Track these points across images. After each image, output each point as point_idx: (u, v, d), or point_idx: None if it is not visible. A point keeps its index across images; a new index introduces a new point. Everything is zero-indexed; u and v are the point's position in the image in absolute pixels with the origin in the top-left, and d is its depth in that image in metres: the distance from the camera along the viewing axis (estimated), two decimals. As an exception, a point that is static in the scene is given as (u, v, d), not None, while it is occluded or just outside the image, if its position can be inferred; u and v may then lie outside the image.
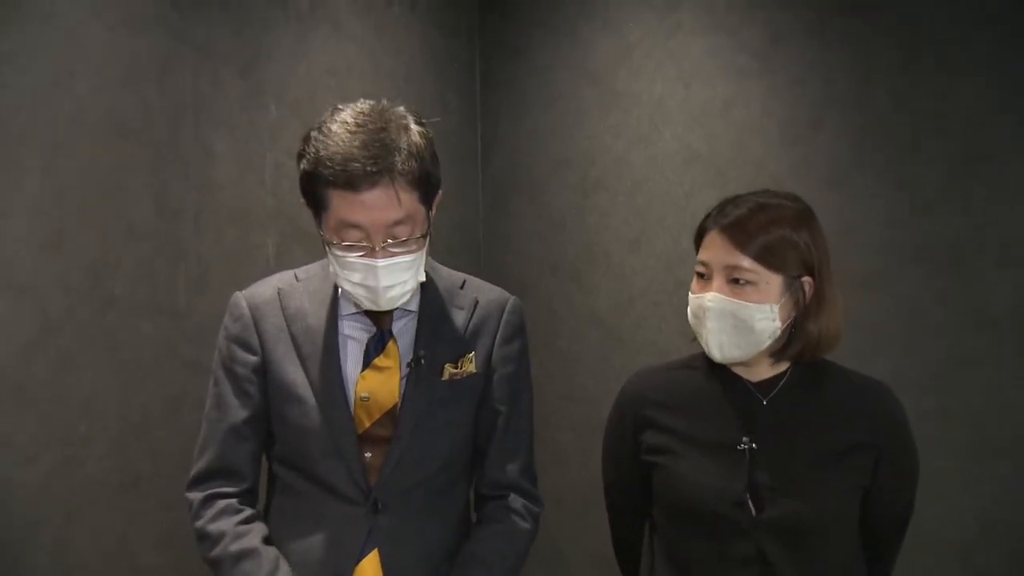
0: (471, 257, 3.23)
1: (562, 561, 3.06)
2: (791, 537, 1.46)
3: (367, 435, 1.52)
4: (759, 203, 1.50)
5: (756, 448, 1.48)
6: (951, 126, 2.41)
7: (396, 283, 1.45)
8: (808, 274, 1.49)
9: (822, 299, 1.50)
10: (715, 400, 1.56)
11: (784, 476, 1.47)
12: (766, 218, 1.47)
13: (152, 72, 2.11)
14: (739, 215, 1.48)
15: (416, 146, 1.42)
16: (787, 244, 1.46)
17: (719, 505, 1.48)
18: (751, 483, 1.47)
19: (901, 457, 1.54)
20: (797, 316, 1.50)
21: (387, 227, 1.41)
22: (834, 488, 1.48)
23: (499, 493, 1.62)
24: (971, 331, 2.40)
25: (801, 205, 1.53)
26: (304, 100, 2.49)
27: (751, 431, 1.50)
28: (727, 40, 2.76)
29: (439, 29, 3.08)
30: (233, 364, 1.55)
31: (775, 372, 1.54)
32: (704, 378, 1.59)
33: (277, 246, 2.42)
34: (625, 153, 2.97)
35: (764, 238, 1.45)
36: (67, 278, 1.94)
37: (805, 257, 1.48)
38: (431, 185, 1.46)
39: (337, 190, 1.39)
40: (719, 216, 1.51)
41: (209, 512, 1.50)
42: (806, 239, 1.48)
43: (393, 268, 1.43)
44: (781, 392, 1.53)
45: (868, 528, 1.55)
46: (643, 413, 1.62)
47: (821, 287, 1.50)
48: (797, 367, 1.55)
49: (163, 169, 2.13)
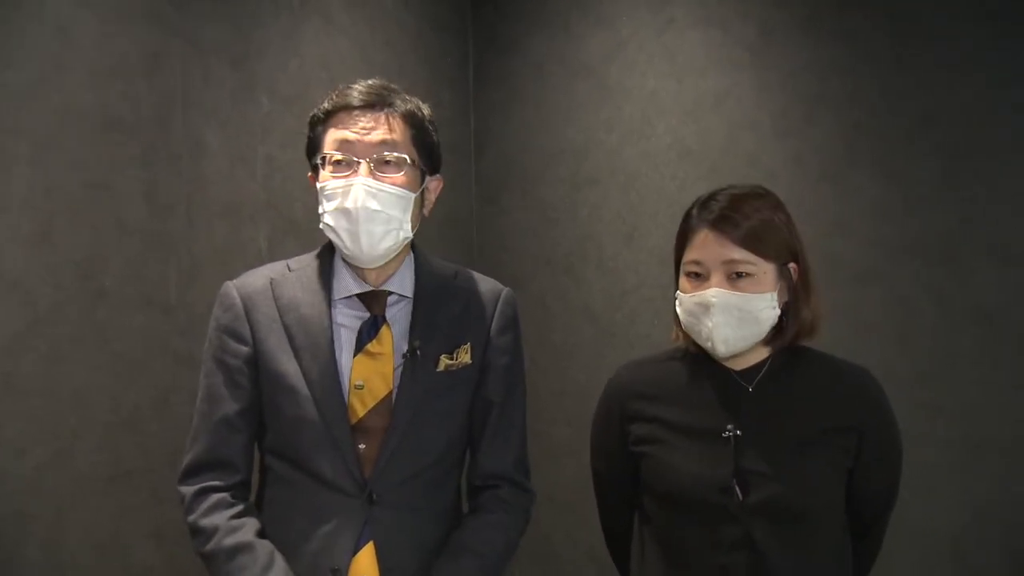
0: (464, 251, 3.23)
1: (554, 555, 3.07)
2: (778, 520, 1.49)
3: (361, 425, 1.51)
4: (736, 195, 1.54)
5: (741, 435, 1.51)
6: (944, 121, 2.42)
7: (376, 211, 1.46)
8: (793, 260, 1.54)
9: (808, 283, 1.56)
10: (700, 389, 1.58)
11: (769, 461, 1.50)
12: (748, 207, 1.51)
13: (142, 66, 2.10)
14: (723, 208, 1.51)
15: (415, 102, 1.56)
16: (770, 228, 1.51)
17: (707, 492, 1.50)
18: (737, 469, 1.50)
19: (883, 437, 1.57)
20: (788, 302, 1.54)
21: (375, 145, 1.48)
22: (818, 471, 1.50)
23: (491, 484, 1.63)
24: (964, 326, 2.40)
25: (771, 194, 1.58)
26: (296, 94, 2.49)
27: (736, 418, 1.53)
28: (720, 34, 2.76)
29: (432, 23, 3.08)
30: (224, 355, 1.54)
31: (757, 360, 1.58)
32: (689, 368, 1.62)
33: (269, 239, 2.42)
34: (618, 147, 2.97)
35: (749, 224, 1.49)
36: (57, 272, 1.93)
37: (788, 241, 1.53)
38: (426, 139, 1.55)
39: (335, 114, 1.50)
40: (704, 212, 1.53)
41: (202, 506, 1.49)
42: (784, 222, 1.54)
43: (374, 193, 1.46)
44: (764, 378, 1.56)
45: (853, 510, 1.59)
46: (630, 405, 1.64)
47: (805, 272, 1.56)
48: (779, 353, 1.58)
49: (154, 163, 2.13)
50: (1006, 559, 2.36)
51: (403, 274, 1.59)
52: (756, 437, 1.51)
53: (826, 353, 1.62)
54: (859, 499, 1.57)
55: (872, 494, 1.59)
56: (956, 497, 2.39)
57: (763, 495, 1.48)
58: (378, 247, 1.49)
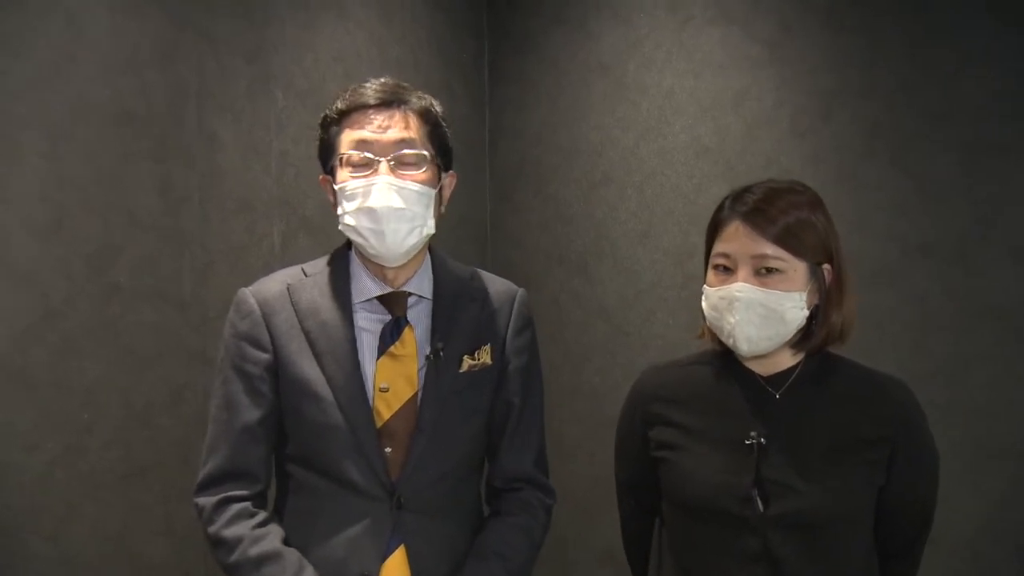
0: (478, 249, 3.21)
1: (567, 556, 3.04)
2: (798, 533, 1.43)
3: (386, 429, 1.49)
4: (773, 188, 1.48)
5: (765, 443, 1.46)
6: (962, 118, 2.39)
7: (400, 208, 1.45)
8: (827, 260, 1.48)
9: (843, 286, 1.49)
10: (726, 395, 1.53)
11: (793, 471, 1.44)
12: (784, 202, 1.45)
13: (156, 58, 2.09)
14: (757, 201, 1.46)
15: (428, 99, 1.54)
16: (807, 226, 1.45)
17: (726, 501, 1.46)
18: (759, 478, 1.45)
19: (916, 455, 1.50)
20: (819, 305, 1.48)
21: (394, 143, 1.47)
22: (844, 484, 1.44)
23: (514, 486, 1.62)
24: (979, 325, 2.38)
25: (810, 190, 1.51)
26: (311, 88, 2.47)
27: (761, 425, 1.48)
28: (738, 31, 2.73)
29: (447, 18, 3.06)
30: (244, 363, 1.51)
31: (787, 365, 1.52)
32: (715, 373, 1.57)
33: (283, 235, 2.40)
34: (634, 145, 2.94)
35: (785, 220, 1.43)
36: (69, 265, 1.92)
37: (824, 241, 1.47)
38: (441, 135, 1.54)
39: (349, 115, 1.48)
40: (737, 204, 1.48)
41: (223, 517, 1.47)
42: (823, 222, 1.47)
43: (398, 191, 1.45)
44: (793, 385, 1.51)
45: (884, 529, 1.52)
46: (652, 409, 1.60)
47: (840, 274, 1.49)
48: (810, 360, 1.52)
49: (167, 157, 2.11)
50: (1020, 559, 2.34)
51: (422, 275, 1.57)
52: (781, 446, 1.46)
53: (861, 364, 1.56)
54: (890, 519, 1.50)
55: (903, 515, 1.52)
56: (971, 497, 2.36)
57: (785, 507, 1.43)
58: (403, 244, 1.47)
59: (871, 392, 1.51)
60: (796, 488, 1.43)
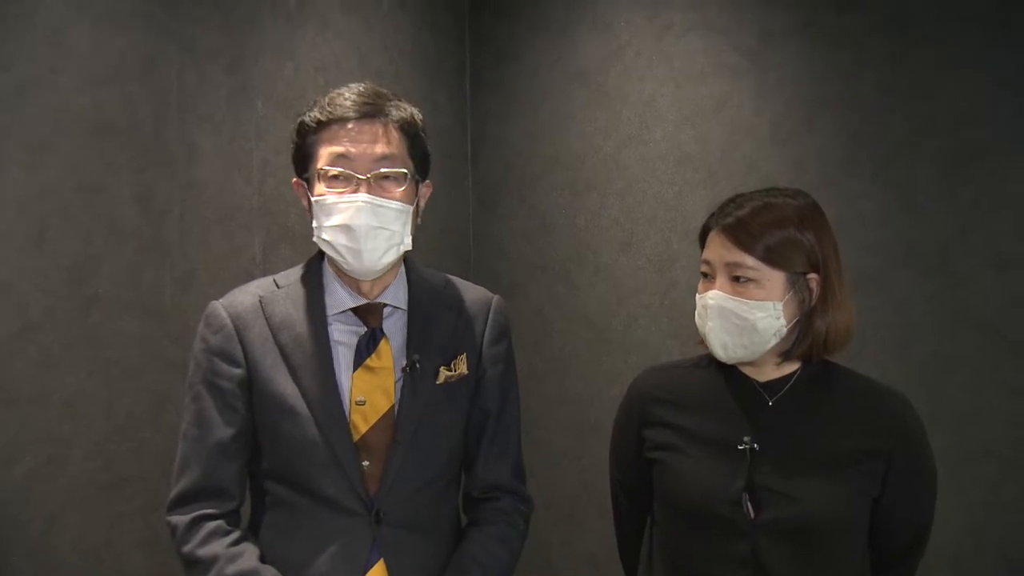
0: (460, 257, 3.22)
1: (551, 562, 3.04)
2: (788, 540, 1.44)
3: (363, 443, 1.47)
4: (763, 202, 1.48)
5: (758, 449, 1.47)
6: (942, 125, 2.41)
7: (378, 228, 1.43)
8: (814, 271, 1.47)
9: (831, 295, 1.48)
10: (721, 399, 1.54)
11: (785, 478, 1.45)
12: (769, 218, 1.46)
13: (137, 69, 2.08)
14: (741, 216, 1.46)
15: (408, 108, 1.50)
16: (791, 244, 1.45)
17: (717, 504, 1.46)
18: (750, 484, 1.45)
19: (914, 469, 1.49)
20: (805, 313, 1.48)
21: (374, 160, 1.44)
22: (836, 493, 1.44)
23: (491, 495, 1.61)
24: (961, 332, 2.39)
25: (805, 202, 1.51)
26: (291, 98, 2.47)
27: (754, 431, 1.49)
28: (718, 39, 2.75)
29: (429, 28, 3.06)
30: (216, 378, 1.48)
31: (784, 372, 1.53)
32: (712, 377, 1.58)
33: (264, 245, 2.40)
34: (615, 153, 2.95)
35: (767, 240, 1.44)
36: (49, 277, 1.91)
37: (810, 255, 1.46)
38: (421, 147, 1.51)
39: (329, 126, 1.44)
40: (721, 216, 1.50)
41: (197, 536, 1.44)
42: (811, 238, 1.47)
43: (375, 210, 1.43)
44: (788, 393, 1.51)
45: (878, 541, 1.52)
46: (648, 410, 1.61)
47: (829, 283, 1.48)
48: (807, 368, 1.53)
49: (148, 167, 2.11)
50: (1003, 566, 2.35)
51: (397, 285, 1.56)
52: (774, 452, 1.46)
53: (863, 374, 1.56)
54: (883, 532, 1.50)
55: (897, 529, 1.51)
56: (953, 504, 2.37)
57: (775, 513, 1.43)
58: (380, 263, 1.46)
59: (868, 403, 1.51)
60: (787, 495, 1.44)
